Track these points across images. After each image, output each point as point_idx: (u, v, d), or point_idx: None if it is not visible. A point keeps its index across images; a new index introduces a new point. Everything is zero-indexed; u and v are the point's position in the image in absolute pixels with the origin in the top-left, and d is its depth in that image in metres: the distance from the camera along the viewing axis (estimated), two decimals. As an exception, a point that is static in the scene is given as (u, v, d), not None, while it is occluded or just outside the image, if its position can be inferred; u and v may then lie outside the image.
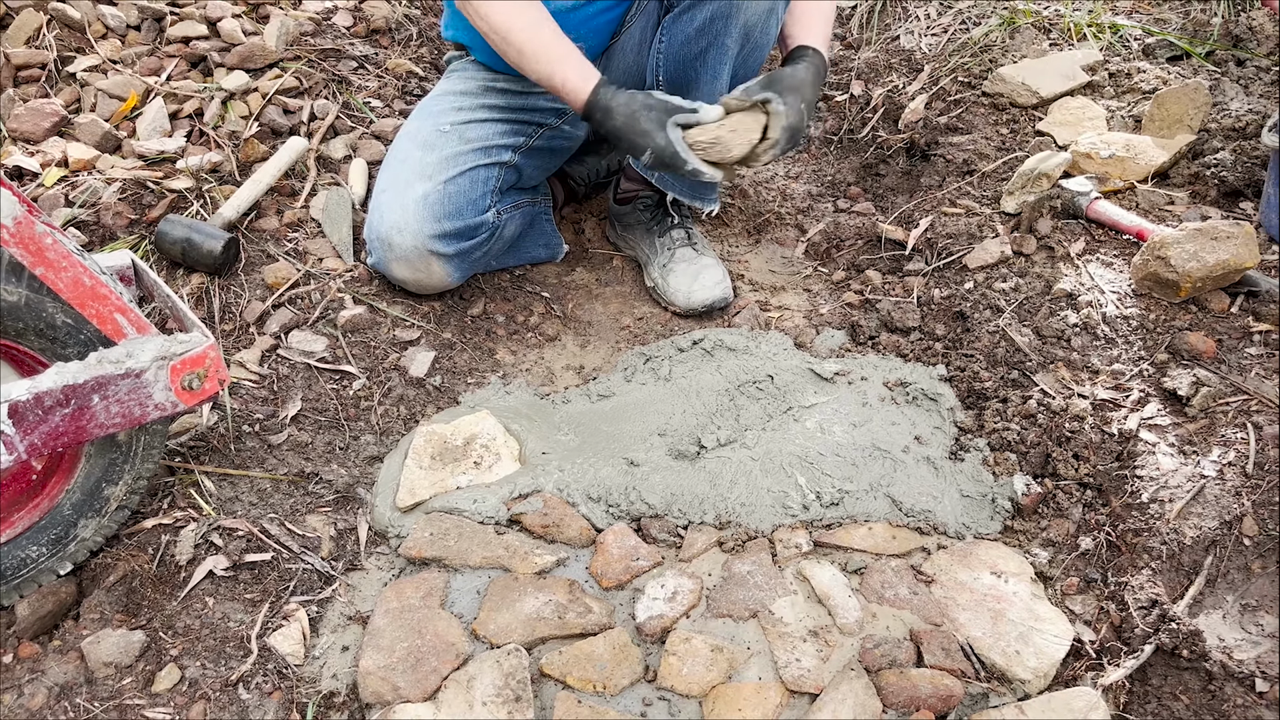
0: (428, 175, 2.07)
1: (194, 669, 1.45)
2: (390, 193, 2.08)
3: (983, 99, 2.70)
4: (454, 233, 2.06)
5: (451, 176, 2.07)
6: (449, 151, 2.10)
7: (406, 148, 2.14)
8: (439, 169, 2.08)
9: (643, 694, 1.45)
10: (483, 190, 2.12)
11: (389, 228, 2.05)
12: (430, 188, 2.05)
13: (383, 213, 2.07)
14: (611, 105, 1.91)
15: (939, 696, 1.43)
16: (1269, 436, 1.66)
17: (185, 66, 2.53)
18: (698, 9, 2.02)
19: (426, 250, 2.05)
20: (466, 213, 2.08)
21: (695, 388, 2.03)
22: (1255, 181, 2.21)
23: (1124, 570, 1.60)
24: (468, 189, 2.09)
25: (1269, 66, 2.64)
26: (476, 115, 2.17)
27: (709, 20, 2.02)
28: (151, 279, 1.66)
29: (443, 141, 2.12)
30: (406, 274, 2.11)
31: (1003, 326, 2.03)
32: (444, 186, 2.06)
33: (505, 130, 2.18)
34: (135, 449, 1.54)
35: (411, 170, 2.09)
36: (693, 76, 2.11)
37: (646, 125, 1.89)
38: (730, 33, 2.04)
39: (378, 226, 2.08)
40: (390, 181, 2.10)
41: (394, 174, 2.11)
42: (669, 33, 2.08)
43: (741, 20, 2.03)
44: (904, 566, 1.65)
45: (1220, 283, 1.92)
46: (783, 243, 2.61)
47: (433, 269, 2.09)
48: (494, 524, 1.72)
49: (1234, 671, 1.42)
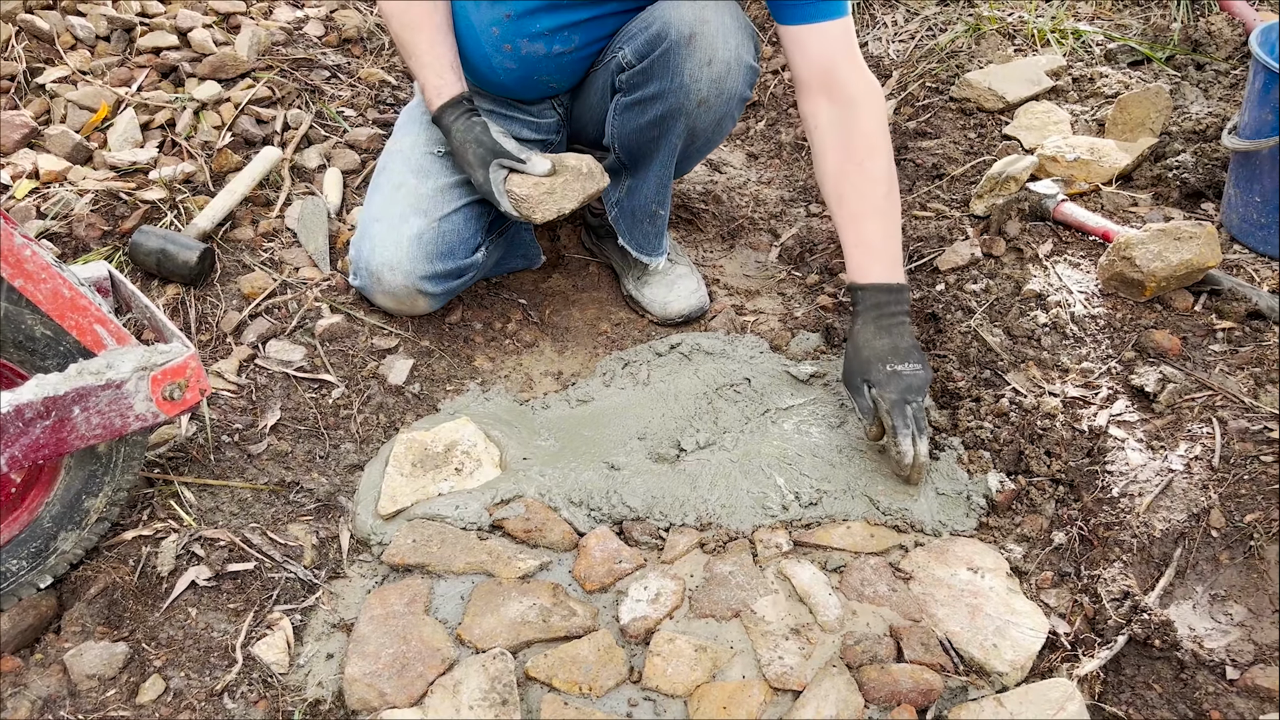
0: (423, 210, 2.04)
1: (178, 680, 1.44)
2: (383, 224, 2.04)
3: (950, 104, 2.75)
4: (444, 273, 2.06)
5: (446, 214, 2.04)
6: (443, 181, 2.07)
7: (400, 171, 2.10)
8: (434, 203, 2.05)
9: (628, 695, 1.47)
10: (475, 228, 2.10)
11: (380, 264, 2.02)
12: (425, 225, 2.02)
13: (375, 245, 2.03)
14: (450, 128, 2.00)
15: (919, 690, 1.45)
16: (1234, 431, 1.70)
17: (156, 77, 2.52)
18: (648, 105, 2.01)
19: (415, 290, 2.04)
20: (459, 253, 2.07)
21: (674, 391, 2.05)
22: (1216, 182, 2.27)
23: (1096, 563, 1.64)
24: (461, 227, 2.07)
25: (1227, 70, 2.71)
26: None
27: (658, 118, 2.03)
28: (129, 290, 1.66)
29: (437, 168, 2.09)
30: (390, 304, 2.11)
31: (974, 327, 2.07)
32: (438, 225, 2.03)
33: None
34: (115, 460, 1.54)
35: (406, 203, 2.04)
36: (645, 155, 2.13)
37: (471, 158, 1.97)
38: (676, 130, 2.06)
39: (369, 259, 2.04)
40: (384, 210, 2.06)
41: (388, 203, 2.06)
42: (620, 115, 2.08)
43: (688, 124, 2.04)
44: (882, 564, 1.67)
45: (1184, 282, 1.97)
46: (756, 247, 2.64)
47: (417, 303, 2.10)
48: (476, 530, 1.73)
49: (1205, 660, 1.46)
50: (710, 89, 1.98)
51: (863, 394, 1.85)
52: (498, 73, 2.10)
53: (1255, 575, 1.53)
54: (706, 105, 2.01)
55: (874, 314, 1.88)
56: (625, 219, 2.27)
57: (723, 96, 2.01)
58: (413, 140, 2.14)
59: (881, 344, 1.85)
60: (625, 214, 2.26)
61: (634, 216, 2.26)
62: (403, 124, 2.23)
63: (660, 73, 1.96)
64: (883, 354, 1.84)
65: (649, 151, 2.12)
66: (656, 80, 1.97)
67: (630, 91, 2.02)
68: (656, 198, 2.22)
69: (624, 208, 2.26)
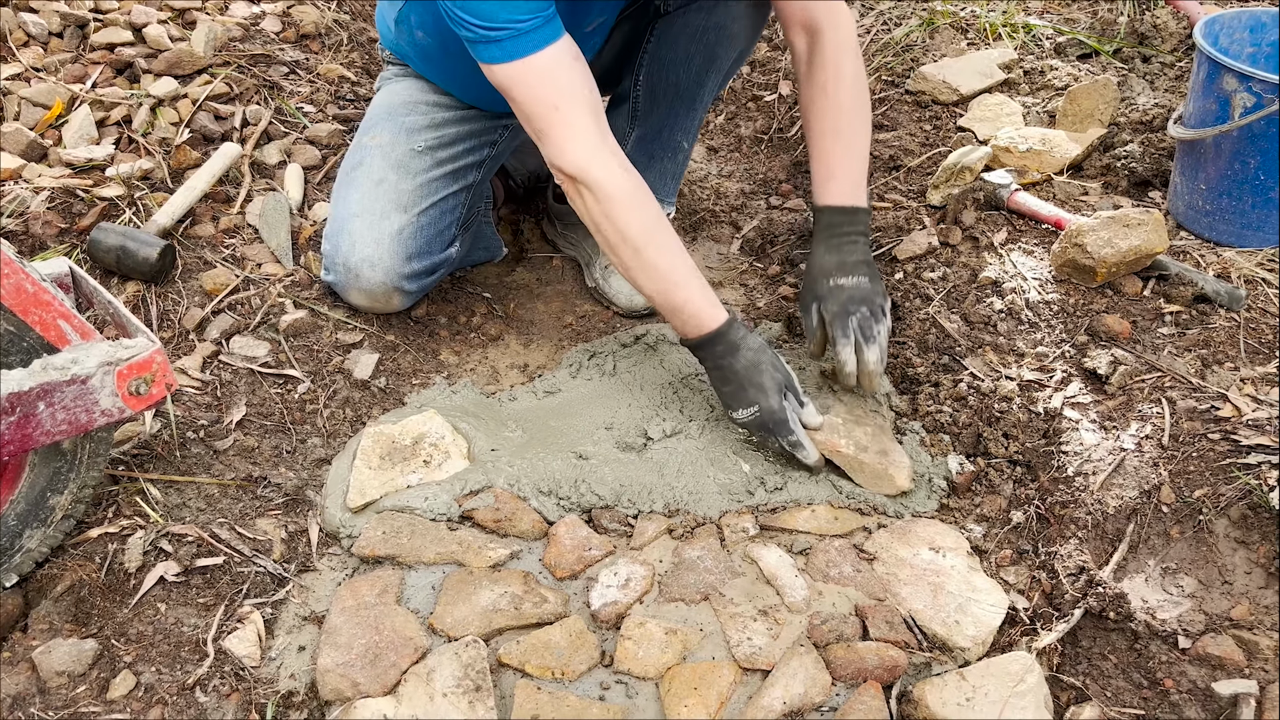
0: (404, 206, 2.01)
1: (149, 675, 1.44)
2: (364, 220, 2.01)
3: (906, 97, 2.80)
4: (422, 271, 2.06)
5: (424, 209, 2.03)
6: (423, 178, 2.05)
7: (381, 167, 2.06)
8: (414, 199, 2.03)
9: (600, 678, 1.49)
10: (450, 220, 2.09)
11: (360, 260, 2.00)
12: (405, 221, 2.01)
13: (354, 242, 2.00)
14: (741, 344, 1.82)
15: (885, 667, 1.49)
16: (1182, 410, 1.76)
17: (111, 73, 2.49)
18: (695, 16, 2.05)
19: (394, 287, 2.04)
20: (435, 248, 2.07)
21: (640, 382, 2.08)
22: (1163, 171, 2.33)
23: (1053, 541, 1.69)
24: (437, 220, 2.06)
25: (1172, 62, 2.78)
26: (448, 132, 2.11)
27: (703, 29, 2.06)
28: (91, 285, 1.64)
29: (418, 165, 2.06)
30: (363, 302, 2.09)
31: (932, 314, 2.11)
32: (417, 220, 2.02)
33: (472, 146, 2.14)
34: (81, 457, 1.53)
35: (388, 199, 2.02)
36: (676, 82, 2.14)
37: (768, 383, 1.80)
38: (724, 44, 2.09)
39: (347, 255, 2.01)
40: (364, 206, 2.02)
41: (368, 199, 2.02)
42: (660, 36, 2.10)
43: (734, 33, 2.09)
44: (847, 546, 1.71)
45: (1133, 267, 2.03)
46: (718, 240, 2.67)
47: (392, 301, 2.09)
48: (446, 521, 1.74)
49: (1157, 630, 1.51)
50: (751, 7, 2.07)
51: (810, 311, 1.92)
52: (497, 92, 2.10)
53: (1204, 548, 1.59)
54: (753, 13, 2.08)
55: (826, 234, 1.95)
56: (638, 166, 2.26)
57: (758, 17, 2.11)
58: (392, 137, 2.10)
59: (829, 261, 1.92)
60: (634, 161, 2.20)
61: (651, 157, 2.27)
62: (377, 119, 2.16)
63: None
64: (828, 269, 1.91)
65: (682, 77, 2.13)
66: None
67: (677, 9, 2.07)
68: (684, 127, 2.25)
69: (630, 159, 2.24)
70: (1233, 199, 2.09)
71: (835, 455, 1.82)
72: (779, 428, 1.80)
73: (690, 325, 1.83)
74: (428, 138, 2.10)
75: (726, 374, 1.83)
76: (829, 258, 1.93)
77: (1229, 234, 2.13)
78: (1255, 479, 1.61)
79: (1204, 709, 1.43)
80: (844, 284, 1.89)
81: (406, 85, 2.20)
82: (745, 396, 1.81)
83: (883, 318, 1.90)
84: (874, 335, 1.85)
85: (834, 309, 1.87)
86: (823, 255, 1.94)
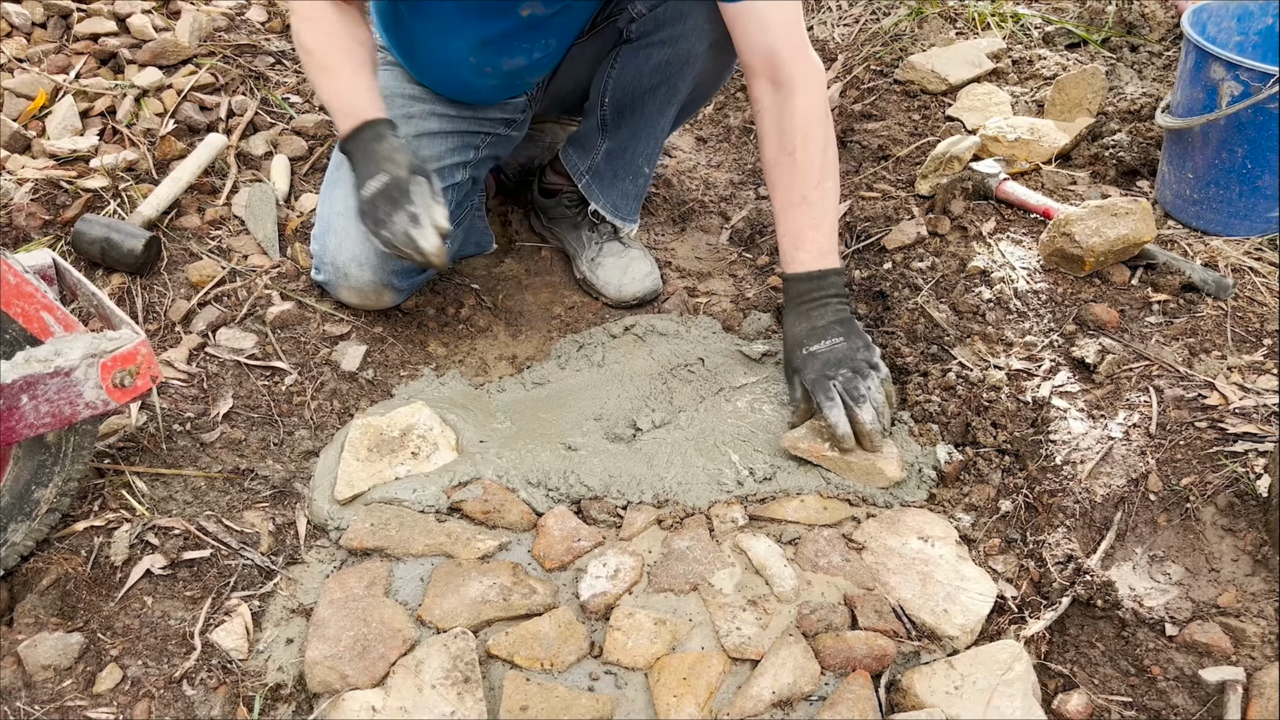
0: None
1: (136, 668, 1.43)
2: (349, 219, 1.97)
3: (895, 86, 2.79)
4: (411, 268, 2.05)
5: None
6: None
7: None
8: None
9: (589, 669, 1.49)
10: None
11: (348, 259, 2.00)
12: None
13: (341, 241, 2.00)
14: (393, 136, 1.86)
15: (873, 656, 1.49)
16: (1170, 399, 1.76)
17: (95, 64, 2.47)
18: (656, 49, 2.02)
19: (383, 284, 2.03)
20: None
21: (629, 372, 2.07)
22: (1150, 160, 2.34)
23: (1041, 529, 1.69)
24: None
25: (1160, 51, 2.78)
26: (429, 126, 2.11)
27: (664, 63, 2.03)
28: (75, 277, 1.63)
29: None
30: (354, 300, 2.09)
31: (921, 304, 2.11)
32: None
33: (457, 145, 2.13)
34: (65, 450, 1.52)
35: None
36: (639, 107, 2.13)
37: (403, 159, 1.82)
38: (685, 78, 2.07)
39: (335, 254, 2.01)
40: (348, 205, 1.98)
41: (351, 197, 1.98)
42: (623, 62, 2.08)
43: (695, 70, 2.06)
44: (836, 535, 1.71)
45: (1121, 256, 2.03)
46: (708, 230, 2.67)
47: (383, 298, 2.09)
48: (434, 512, 1.74)
49: (1145, 618, 1.51)
50: (722, 33, 1.95)
51: (793, 385, 1.90)
52: (480, 91, 2.11)
53: (1191, 536, 1.59)
54: (718, 49, 2.02)
55: (796, 302, 1.92)
56: (601, 182, 2.28)
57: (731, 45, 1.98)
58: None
59: (800, 329, 1.90)
60: (601, 177, 2.27)
61: (614, 176, 2.27)
62: None
63: (674, 17, 1.98)
64: (800, 339, 1.89)
65: (645, 103, 2.11)
66: (670, 25, 1.99)
67: (640, 38, 2.03)
68: (645, 152, 2.24)
69: (600, 172, 2.27)
70: (1220, 188, 2.09)
71: (822, 459, 1.82)
72: (403, 196, 1.77)
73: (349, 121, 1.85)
74: (407, 130, 2.09)
75: (369, 155, 1.82)
76: (799, 326, 1.90)
77: (1216, 223, 2.13)
78: (1242, 467, 1.61)
79: (1191, 696, 1.44)
80: (817, 350, 1.86)
81: (385, 76, 2.20)
82: (375, 168, 1.79)
83: (870, 372, 1.84)
84: (862, 394, 1.80)
85: (811, 377, 1.84)
86: (793, 325, 1.92)
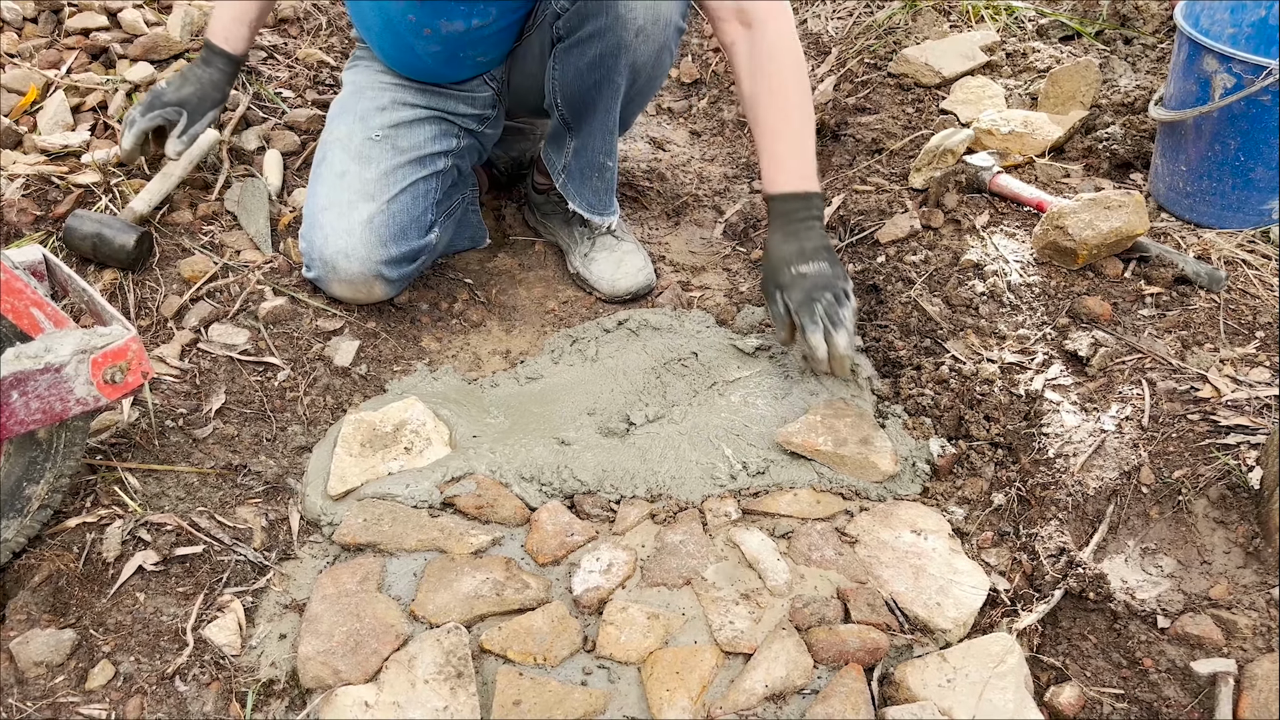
0: (370, 195, 2.02)
1: (128, 664, 1.43)
2: (333, 213, 2.02)
3: (888, 80, 2.79)
4: (400, 257, 2.05)
5: (394, 195, 2.04)
6: (386, 165, 2.06)
7: (341, 160, 2.07)
8: (380, 187, 2.04)
9: (582, 663, 1.49)
10: (424, 205, 2.10)
11: (334, 252, 2.01)
12: (375, 209, 2.02)
13: (327, 235, 2.01)
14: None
15: (866, 650, 1.49)
16: (1162, 391, 1.77)
17: (86, 59, 2.47)
18: (586, 45, 2.01)
19: (373, 275, 2.04)
20: (411, 233, 2.07)
21: (622, 367, 2.07)
22: (1144, 153, 2.34)
23: (1034, 522, 1.69)
24: (410, 206, 2.06)
25: (1154, 44, 2.78)
26: (403, 116, 2.12)
27: (598, 57, 2.02)
28: (65, 273, 1.63)
29: (378, 152, 2.07)
30: (347, 293, 2.09)
31: (914, 297, 2.11)
32: (388, 207, 2.03)
33: (435, 134, 2.15)
34: (56, 446, 1.52)
35: (353, 189, 2.03)
36: (588, 104, 2.13)
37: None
38: (619, 70, 2.05)
39: (321, 248, 2.02)
40: (331, 199, 2.03)
41: (334, 191, 2.04)
42: (561, 63, 2.07)
43: (629, 59, 2.04)
44: (829, 529, 1.71)
45: (1114, 249, 2.03)
46: (701, 224, 2.66)
47: (374, 290, 2.09)
48: (427, 507, 1.74)
49: (1137, 610, 1.52)
50: (646, 16, 1.98)
51: (775, 300, 1.94)
52: (423, 59, 2.09)
53: (1183, 528, 1.59)
54: (644, 35, 2.01)
55: (782, 221, 1.96)
56: (574, 180, 2.28)
57: (659, 24, 2.01)
58: (348, 129, 2.12)
59: (788, 249, 1.93)
60: (573, 176, 2.27)
61: (582, 174, 2.27)
62: (336, 114, 2.18)
63: (595, 10, 1.96)
64: (789, 257, 1.92)
65: (592, 99, 2.11)
66: (593, 18, 1.97)
67: (569, 36, 2.02)
68: (603, 148, 2.23)
69: (571, 170, 2.26)
70: (1213, 180, 2.09)
71: (816, 454, 1.82)
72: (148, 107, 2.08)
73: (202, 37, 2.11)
74: (381, 122, 2.10)
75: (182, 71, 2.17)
76: (788, 245, 1.93)
77: (1209, 215, 2.14)
78: (1234, 459, 1.62)
79: (1183, 688, 1.44)
80: (806, 271, 1.90)
81: (361, 70, 2.22)
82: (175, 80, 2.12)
83: (846, 301, 1.90)
84: (841, 320, 1.87)
85: (798, 297, 1.88)
86: (781, 243, 1.94)
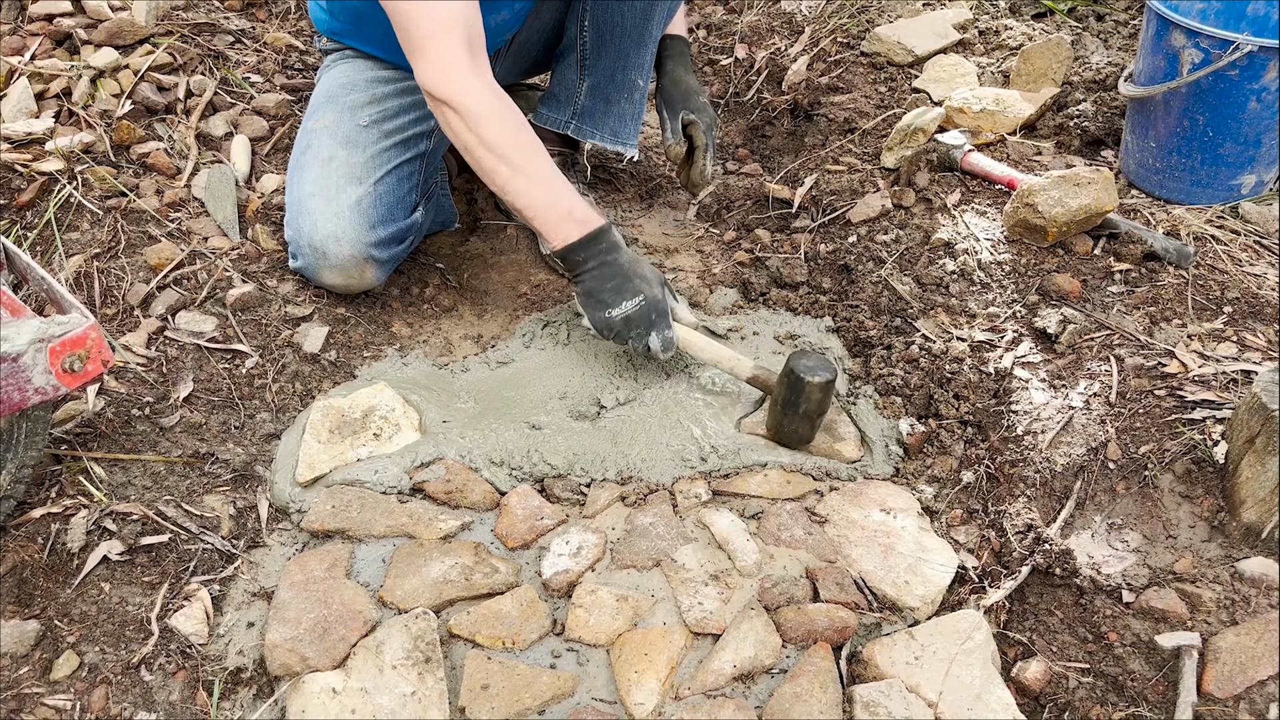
0: (358, 179, 2.01)
1: (93, 654, 1.42)
2: (321, 198, 2.00)
3: (861, 58, 2.78)
4: (389, 238, 2.04)
5: (380, 178, 2.03)
6: (374, 149, 2.05)
7: (329, 145, 2.05)
8: (367, 171, 2.03)
9: (551, 646, 1.49)
10: (408, 187, 2.09)
11: (324, 236, 1.99)
12: (362, 192, 2.00)
13: (315, 220, 1.99)
14: (621, 242, 1.92)
15: (835, 628, 1.50)
16: (1130, 367, 1.77)
17: (50, 45, 2.43)
18: None
19: (364, 258, 2.02)
20: (398, 214, 2.06)
21: (594, 350, 2.07)
22: (1115, 130, 2.34)
23: (1002, 499, 1.70)
24: (395, 187, 2.06)
25: (1126, 20, 2.78)
26: (390, 105, 2.11)
27: None
28: (25, 262, 1.61)
29: (365, 138, 2.06)
30: (338, 280, 2.07)
31: (885, 277, 2.11)
32: (374, 189, 2.02)
33: (418, 116, 2.13)
34: (17, 437, 1.50)
35: (340, 174, 2.02)
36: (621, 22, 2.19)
37: (649, 274, 1.91)
38: None
39: (310, 234, 2.00)
40: (318, 185, 2.01)
41: (321, 177, 2.02)
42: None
43: None
44: (799, 509, 1.71)
45: (1084, 226, 2.03)
46: (675, 206, 2.65)
47: (365, 275, 2.07)
48: (396, 493, 1.73)
49: (1102, 585, 1.53)
50: None
51: (676, 119, 2.28)
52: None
53: (1149, 503, 1.60)
54: None
55: (683, 60, 2.35)
56: (593, 117, 2.36)
57: None
58: (336, 116, 2.10)
59: (693, 81, 2.34)
60: (591, 113, 2.35)
61: (607, 102, 2.33)
62: (320, 103, 2.16)
63: None
64: (696, 88, 2.32)
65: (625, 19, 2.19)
66: None
67: None
68: (637, 63, 2.29)
69: (586, 111, 2.35)
70: (1182, 156, 2.09)
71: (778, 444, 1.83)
72: (662, 318, 1.87)
73: (576, 227, 1.89)
74: (371, 112, 2.10)
75: (611, 268, 1.89)
76: (692, 79, 2.32)
77: (1179, 191, 2.14)
78: (1200, 434, 1.62)
79: (1147, 661, 1.45)
80: (705, 103, 2.31)
81: (343, 69, 2.20)
82: (630, 287, 1.87)
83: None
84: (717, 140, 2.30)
85: (706, 122, 2.29)
86: (685, 75, 2.32)
